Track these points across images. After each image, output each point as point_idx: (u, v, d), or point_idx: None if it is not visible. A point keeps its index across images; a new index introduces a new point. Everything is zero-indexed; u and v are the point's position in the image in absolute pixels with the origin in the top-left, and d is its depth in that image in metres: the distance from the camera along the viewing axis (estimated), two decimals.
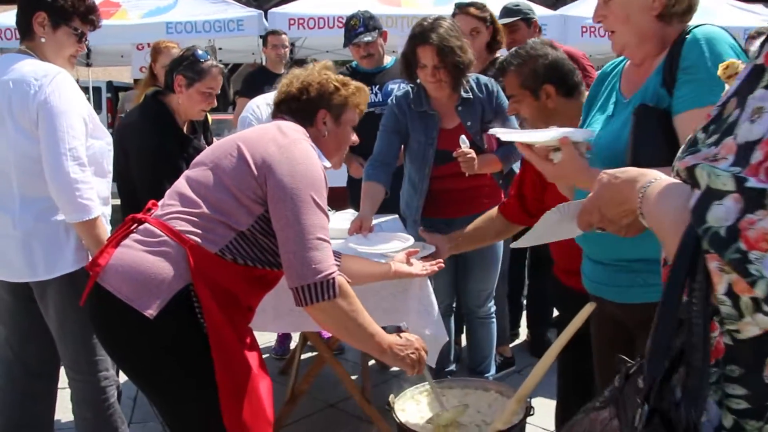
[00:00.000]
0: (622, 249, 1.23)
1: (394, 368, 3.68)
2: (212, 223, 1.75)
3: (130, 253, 1.74)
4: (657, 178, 1.05)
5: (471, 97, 3.00)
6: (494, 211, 2.56)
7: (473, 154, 2.81)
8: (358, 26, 3.74)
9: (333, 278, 1.72)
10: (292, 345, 4.01)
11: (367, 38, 3.70)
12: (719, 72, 1.16)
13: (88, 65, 9.84)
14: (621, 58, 1.81)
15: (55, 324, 2.33)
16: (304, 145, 1.82)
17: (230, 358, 1.73)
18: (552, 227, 1.49)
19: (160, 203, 1.88)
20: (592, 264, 1.80)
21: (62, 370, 2.48)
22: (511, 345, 3.95)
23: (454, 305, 3.39)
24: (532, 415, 1.88)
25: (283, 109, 2.00)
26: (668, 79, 1.53)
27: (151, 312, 1.67)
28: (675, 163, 1.11)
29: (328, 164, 1.93)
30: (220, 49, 7.89)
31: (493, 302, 3.25)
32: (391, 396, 2.03)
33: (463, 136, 2.84)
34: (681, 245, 0.89)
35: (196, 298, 1.71)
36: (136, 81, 9.03)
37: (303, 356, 3.52)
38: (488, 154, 2.99)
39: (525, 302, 4.22)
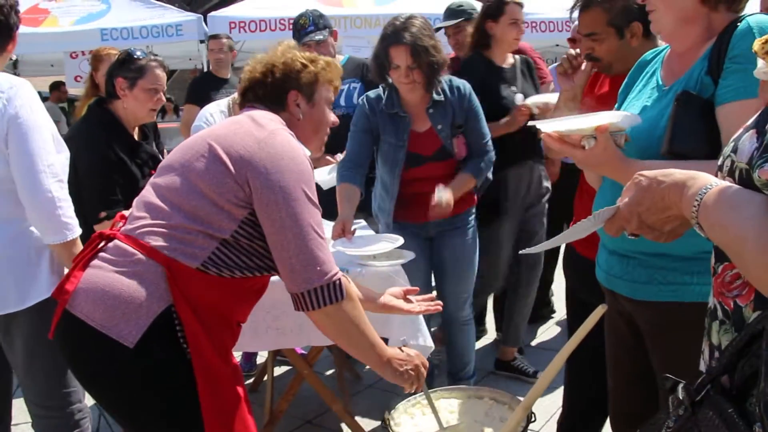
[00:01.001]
0: (642, 241, 1.15)
1: (368, 379, 3.58)
2: (190, 234, 1.58)
3: (101, 274, 1.56)
4: (712, 184, 0.96)
5: (443, 99, 2.91)
6: None
7: (450, 201, 2.72)
8: (308, 25, 3.58)
9: (339, 279, 1.61)
10: (259, 359, 3.86)
11: (318, 37, 3.55)
12: (756, 47, 1.04)
13: (15, 75, 9.33)
14: (662, 47, 1.74)
15: (22, 357, 2.12)
16: (284, 135, 1.66)
17: (217, 388, 1.57)
18: (576, 234, 1.38)
19: (128, 216, 1.69)
20: (607, 254, 1.72)
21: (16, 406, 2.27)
22: (477, 345, 3.87)
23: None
24: (534, 421, 1.82)
25: (250, 97, 1.83)
26: (714, 67, 1.46)
27: (129, 340, 1.50)
28: (726, 161, 1.00)
29: (308, 152, 1.77)
30: (156, 55, 7.56)
31: (471, 307, 3.18)
32: (386, 412, 1.93)
33: (440, 185, 2.74)
34: None
35: (178, 320, 1.54)
36: (51, 89, 8.60)
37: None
38: (461, 176, 2.91)
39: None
